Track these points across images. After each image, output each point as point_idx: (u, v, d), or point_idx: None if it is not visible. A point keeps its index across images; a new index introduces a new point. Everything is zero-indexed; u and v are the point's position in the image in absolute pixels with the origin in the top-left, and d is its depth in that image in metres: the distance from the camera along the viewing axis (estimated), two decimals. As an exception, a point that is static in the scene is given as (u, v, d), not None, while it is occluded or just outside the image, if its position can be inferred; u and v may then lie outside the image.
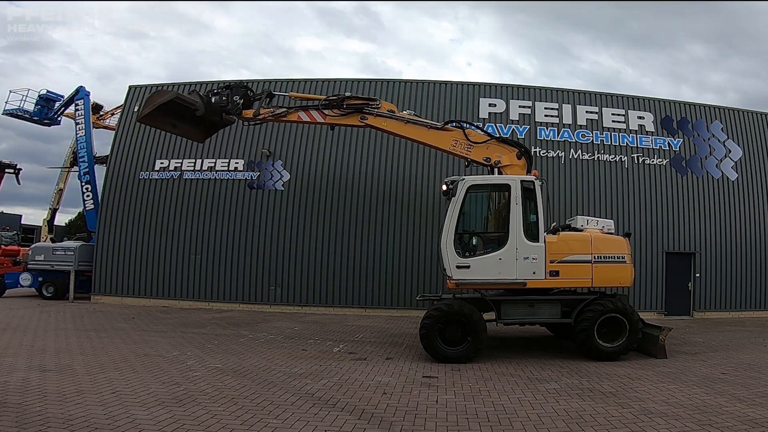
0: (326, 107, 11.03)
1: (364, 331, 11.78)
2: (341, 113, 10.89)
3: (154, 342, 9.63)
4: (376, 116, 10.68)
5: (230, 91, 11.53)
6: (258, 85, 16.94)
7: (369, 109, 10.71)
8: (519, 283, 8.71)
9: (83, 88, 20.44)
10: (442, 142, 10.43)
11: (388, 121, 10.67)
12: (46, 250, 17.76)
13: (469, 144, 10.15)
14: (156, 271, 16.09)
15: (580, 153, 15.94)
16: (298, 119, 11.44)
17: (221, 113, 11.73)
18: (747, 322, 14.53)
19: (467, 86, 16.62)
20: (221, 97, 11.51)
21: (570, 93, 16.62)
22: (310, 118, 11.27)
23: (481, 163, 10.15)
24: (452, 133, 10.35)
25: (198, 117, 11.68)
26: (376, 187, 15.83)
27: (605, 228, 9.66)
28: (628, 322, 8.57)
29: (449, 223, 8.87)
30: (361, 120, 10.79)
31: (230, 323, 12.56)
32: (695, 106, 16.90)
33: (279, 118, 11.58)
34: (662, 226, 15.67)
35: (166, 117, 11.76)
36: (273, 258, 15.71)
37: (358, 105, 10.80)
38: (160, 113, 11.55)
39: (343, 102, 10.85)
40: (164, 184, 16.53)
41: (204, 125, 12.39)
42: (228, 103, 11.50)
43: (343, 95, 11.10)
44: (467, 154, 10.18)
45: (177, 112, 11.67)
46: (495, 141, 10.17)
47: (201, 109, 11.44)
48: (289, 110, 11.41)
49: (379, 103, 10.81)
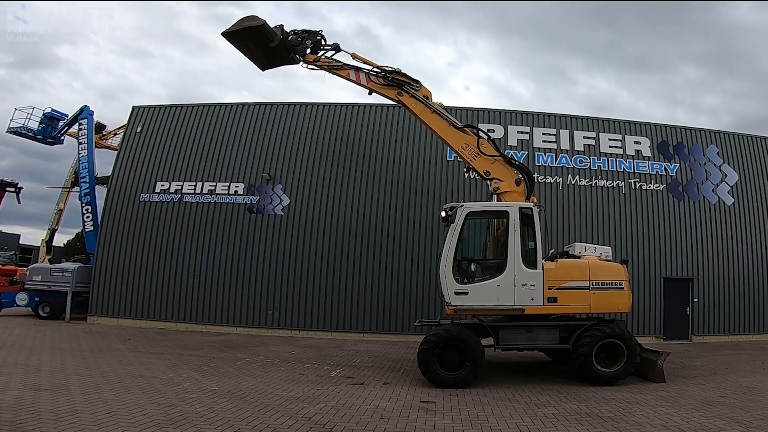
0: (375, 75, 11.80)
1: (361, 356, 11.71)
2: (384, 83, 11.63)
3: (150, 363, 9.55)
4: (411, 96, 11.36)
5: (307, 35, 12.62)
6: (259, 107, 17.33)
7: (407, 88, 11.40)
8: (517, 309, 8.76)
9: (87, 107, 20.61)
10: (455, 141, 10.87)
11: (418, 105, 11.35)
12: (43, 271, 17.69)
13: (478, 152, 10.43)
14: (153, 293, 16.00)
15: (578, 179, 16.07)
16: (347, 75, 12.23)
17: (290, 51, 12.65)
18: (746, 345, 14.50)
19: (466, 111, 16.81)
20: (297, 37, 12.63)
21: (567, 118, 16.83)
22: (356, 78, 12.11)
23: (480, 173, 10.42)
24: (467, 137, 10.72)
25: (270, 48, 12.55)
26: (375, 212, 15.88)
27: (603, 255, 9.79)
28: (626, 347, 8.61)
29: (448, 249, 8.97)
30: (397, 95, 11.53)
31: (227, 346, 12.47)
32: (691, 131, 17.09)
33: (333, 69, 12.40)
34: (660, 251, 15.70)
35: (245, 38, 12.62)
36: (271, 282, 15.65)
37: (401, 81, 11.47)
38: (243, 34, 12.43)
39: (390, 75, 11.54)
40: (164, 207, 16.55)
41: (271, 57, 13.14)
42: (300, 44, 12.57)
43: (394, 69, 11.67)
44: (471, 161, 10.49)
45: (255, 38, 12.48)
46: (502, 160, 10.37)
47: (276, 41, 12.36)
48: (344, 66, 12.27)
49: (419, 87, 11.47)
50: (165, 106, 17.91)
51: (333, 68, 12.37)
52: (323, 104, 17.24)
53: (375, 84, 11.80)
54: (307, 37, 12.64)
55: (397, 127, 16.61)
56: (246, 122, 17.08)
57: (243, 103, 17.67)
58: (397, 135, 16.50)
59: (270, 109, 17.24)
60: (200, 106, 17.69)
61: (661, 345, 13.57)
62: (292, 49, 12.66)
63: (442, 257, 9.05)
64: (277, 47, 12.49)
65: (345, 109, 16.99)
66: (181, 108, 17.72)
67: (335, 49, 12.55)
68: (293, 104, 17.35)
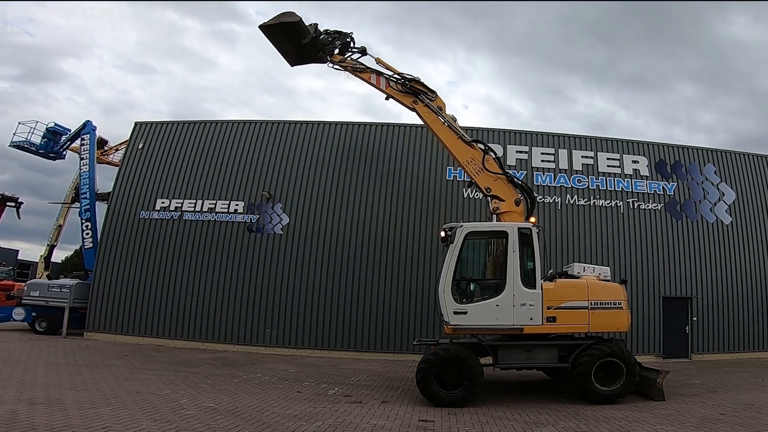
0: (395, 81, 12.12)
1: (360, 374, 11.63)
2: (401, 90, 11.95)
3: (146, 379, 9.49)
4: (425, 106, 11.63)
5: (338, 36, 13.01)
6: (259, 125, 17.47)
7: (423, 97, 11.68)
8: (516, 328, 8.78)
9: (90, 122, 20.69)
10: (461, 154, 11.03)
11: (431, 115, 11.61)
12: (41, 287, 17.66)
13: (482, 168, 10.58)
14: (151, 310, 15.91)
15: (576, 198, 16.15)
16: (368, 79, 12.57)
17: (320, 50, 13.00)
18: (746, 362, 14.43)
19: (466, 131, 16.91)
20: (329, 37, 13.00)
21: (566, 138, 16.98)
22: (377, 82, 12.46)
23: (481, 189, 10.58)
24: (473, 152, 10.89)
25: (302, 45, 12.88)
26: (374, 232, 15.90)
27: (601, 275, 9.85)
28: (625, 366, 8.61)
29: (447, 269, 9.02)
30: (412, 103, 11.82)
31: (224, 363, 12.39)
32: (688, 149, 17.23)
33: (356, 71, 12.74)
34: (658, 271, 15.70)
35: (280, 33, 12.94)
36: (269, 301, 15.58)
37: (418, 90, 11.77)
38: (279, 29, 12.82)
39: (409, 83, 11.85)
40: (164, 225, 16.55)
41: (302, 53, 13.43)
42: (329, 44, 12.94)
43: (414, 77, 11.97)
44: (475, 176, 10.64)
45: (289, 34, 12.89)
46: (505, 179, 10.49)
47: (308, 38, 12.73)
48: (367, 69, 12.60)
49: (434, 97, 11.76)
50: (167, 123, 18.08)
51: (356, 70, 12.72)
52: (324, 123, 17.39)
53: (393, 90, 12.13)
54: (337, 38, 13.01)
55: (397, 146, 16.75)
56: (247, 140, 17.21)
57: (244, 120, 17.77)
58: (396, 155, 16.62)
59: (271, 127, 17.38)
60: (201, 123, 17.85)
61: (661, 363, 13.53)
62: (322, 48, 12.99)
63: (441, 277, 9.10)
64: (308, 45, 12.84)
65: (345, 128, 17.14)
66: (182, 124, 17.86)
67: (361, 53, 12.90)
68: (294, 122, 17.49)
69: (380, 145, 16.79)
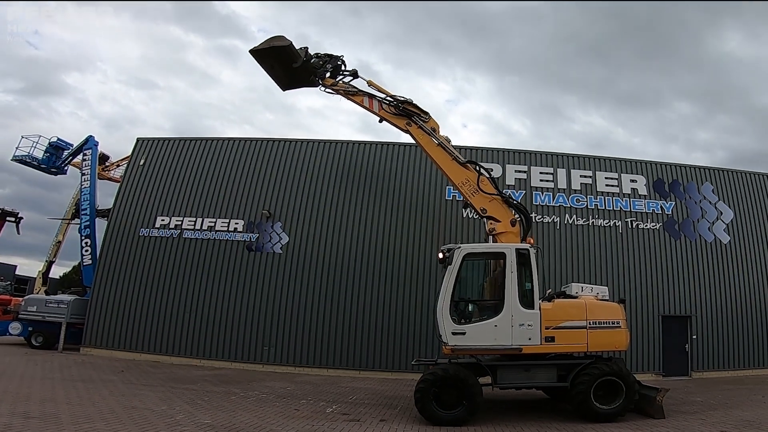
0: (387, 103, 12.14)
1: (358, 393, 11.54)
2: (395, 113, 11.96)
3: (142, 395, 9.42)
4: (419, 128, 11.64)
5: (329, 59, 13.05)
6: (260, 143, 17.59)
7: (417, 119, 11.70)
8: (515, 348, 8.78)
9: (92, 137, 20.80)
10: (456, 176, 11.02)
11: (425, 137, 11.63)
12: (39, 302, 17.63)
13: (477, 189, 10.58)
14: (148, 326, 15.82)
15: (575, 218, 16.21)
16: (361, 102, 12.60)
17: (311, 74, 13.00)
18: (747, 379, 14.35)
19: (465, 150, 17.05)
20: (320, 60, 13.06)
21: (564, 157, 17.12)
22: (369, 105, 12.48)
23: (477, 210, 10.57)
24: (468, 173, 10.88)
25: (293, 68, 12.97)
26: (373, 251, 15.92)
27: (600, 295, 9.87)
28: (624, 384, 8.59)
29: (445, 290, 9.06)
30: (406, 125, 11.82)
31: (221, 380, 12.30)
32: (686, 168, 17.35)
33: (348, 94, 12.76)
34: (657, 290, 15.69)
35: (271, 57, 13.00)
36: (268, 319, 15.52)
37: (411, 111, 11.79)
38: (269, 53, 12.84)
39: (402, 105, 11.87)
40: (163, 243, 16.55)
41: (293, 77, 13.51)
42: (320, 68, 12.96)
43: (407, 99, 12.01)
44: (470, 197, 10.64)
45: (281, 58, 12.93)
46: (500, 199, 10.52)
47: (299, 62, 12.79)
48: (359, 92, 12.63)
49: (428, 118, 11.79)
50: (168, 139, 18.20)
51: (349, 93, 12.78)
52: (324, 141, 17.53)
53: (386, 113, 12.16)
54: (328, 61, 13.09)
55: (397, 165, 16.86)
56: (247, 158, 17.32)
57: (245, 138, 17.91)
58: (396, 174, 16.73)
59: (271, 146, 17.50)
60: (203, 140, 17.97)
61: (661, 381, 13.47)
62: (313, 72, 13.06)
63: (439, 298, 9.14)
64: (299, 68, 12.93)
65: (345, 147, 17.28)
66: (183, 141, 17.99)
67: (353, 75, 12.98)
68: (294, 141, 17.63)
69: (380, 164, 16.90)
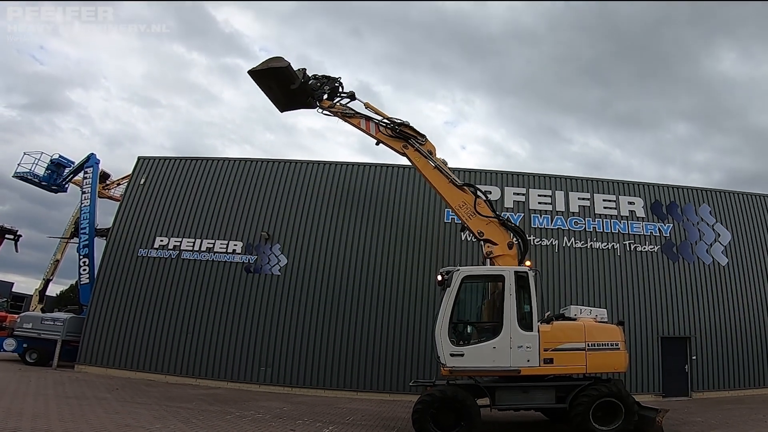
0: (384, 126, 12.20)
1: (355, 414, 11.42)
2: (391, 135, 12.03)
3: (136, 413, 9.32)
4: (415, 150, 11.72)
5: (326, 81, 13.09)
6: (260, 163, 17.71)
7: (414, 142, 11.77)
8: (513, 370, 8.79)
9: (94, 155, 20.92)
10: (452, 199, 11.10)
11: (421, 159, 11.70)
12: (34, 319, 17.54)
13: (474, 212, 10.65)
14: (144, 345, 15.71)
15: (573, 241, 16.26)
16: (358, 124, 12.65)
17: (309, 95, 13.11)
18: (747, 399, 14.27)
19: (463, 173, 17.17)
20: (317, 82, 13.08)
21: (562, 179, 17.26)
22: (366, 128, 12.55)
23: (474, 233, 10.58)
24: (465, 196, 10.96)
25: (291, 90, 12.96)
26: (371, 272, 15.95)
27: (598, 317, 9.92)
28: (623, 405, 8.59)
29: (444, 312, 9.10)
30: (402, 148, 11.90)
31: (217, 400, 12.17)
32: (683, 189, 17.49)
33: (346, 116, 12.80)
34: (656, 312, 15.67)
35: (269, 79, 13.01)
36: (265, 339, 15.45)
37: (408, 134, 11.85)
38: (268, 74, 12.84)
39: (399, 128, 11.93)
40: (162, 263, 16.55)
41: (291, 99, 13.51)
42: (318, 89, 13.01)
43: (403, 122, 12.09)
44: (467, 220, 10.70)
45: (278, 79, 12.93)
46: (497, 222, 10.58)
47: (297, 84, 12.81)
48: (356, 114, 12.68)
49: (424, 141, 11.84)
50: (169, 159, 18.32)
51: (346, 115, 12.85)
52: (323, 162, 17.65)
53: (383, 135, 12.25)
54: (326, 83, 13.18)
55: (396, 187, 16.98)
56: (247, 179, 17.44)
57: (245, 159, 18.01)
58: (395, 196, 16.84)
59: (271, 167, 17.63)
60: (203, 160, 18.10)
61: (661, 402, 13.43)
62: (311, 94, 13.15)
63: (438, 319, 9.16)
64: (296, 90, 13.00)
65: (344, 169, 17.40)
66: (184, 161, 18.10)
67: (350, 97, 13.05)
68: (294, 162, 17.76)
69: (379, 186, 16.99)
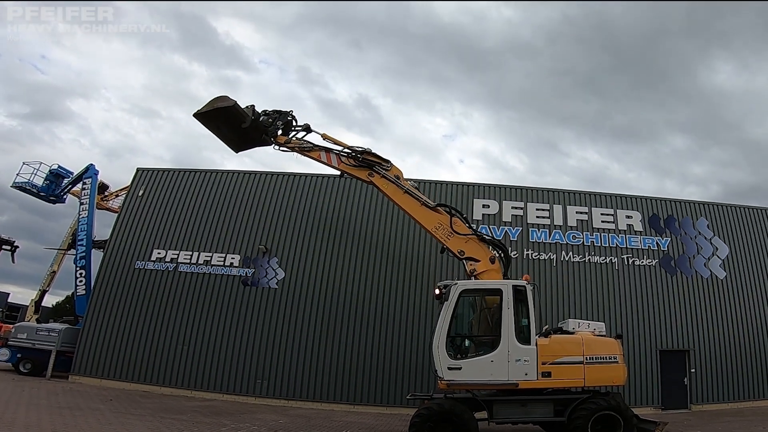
0: (346, 156, 11.80)
1: (351, 427, 11.33)
2: (355, 165, 11.62)
3: (130, 425, 9.23)
4: (382, 177, 11.36)
5: (278, 116, 12.57)
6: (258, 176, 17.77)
7: (379, 168, 11.40)
8: (511, 384, 8.77)
9: (93, 166, 20.88)
10: (428, 221, 10.84)
11: (390, 186, 11.34)
12: (29, 330, 17.43)
13: (451, 232, 10.49)
14: (140, 357, 15.58)
15: (571, 255, 16.27)
16: (318, 157, 12.21)
17: (263, 133, 12.61)
18: (746, 411, 14.21)
19: (461, 186, 17.25)
20: (269, 118, 12.55)
21: (560, 193, 17.33)
22: (327, 160, 12.09)
23: (455, 254, 10.44)
24: (440, 216, 10.78)
25: (242, 129, 12.47)
26: (369, 286, 15.92)
27: (596, 330, 9.92)
28: (622, 419, 8.54)
29: (441, 326, 9.08)
30: (368, 176, 11.50)
31: (212, 412, 12.05)
32: (681, 203, 17.56)
33: (304, 151, 12.37)
34: (655, 325, 15.63)
35: (217, 119, 12.58)
36: (261, 351, 15.35)
37: (372, 162, 11.49)
38: (214, 115, 12.38)
39: (361, 156, 11.56)
40: (159, 276, 16.48)
41: (244, 138, 13.08)
42: (271, 125, 12.49)
43: (365, 149, 11.73)
44: (445, 241, 10.53)
45: (227, 119, 12.52)
46: (476, 238, 10.48)
47: (247, 122, 12.30)
48: (315, 147, 12.25)
49: (389, 166, 11.49)
50: (168, 170, 18.33)
51: (304, 150, 12.40)
52: (321, 175, 17.54)
53: (346, 165, 11.86)
54: (278, 118, 12.67)
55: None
56: (245, 191, 17.45)
57: (243, 171, 18.06)
58: (393, 210, 16.57)
59: (269, 179, 17.66)
60: (202, 172, 18.13)
61: (660, 415, 13.34)
62: (264, 131, 12.65)
63: (435, 333, 9.14)
64: (248, 128, 12.50)
65: (343, 182, 17.15)
66: (183, 173, 18.13)
67: (306, 130, 12.63)
68: (293, 175, 17.74)
69: (377, 200, 16.91)
